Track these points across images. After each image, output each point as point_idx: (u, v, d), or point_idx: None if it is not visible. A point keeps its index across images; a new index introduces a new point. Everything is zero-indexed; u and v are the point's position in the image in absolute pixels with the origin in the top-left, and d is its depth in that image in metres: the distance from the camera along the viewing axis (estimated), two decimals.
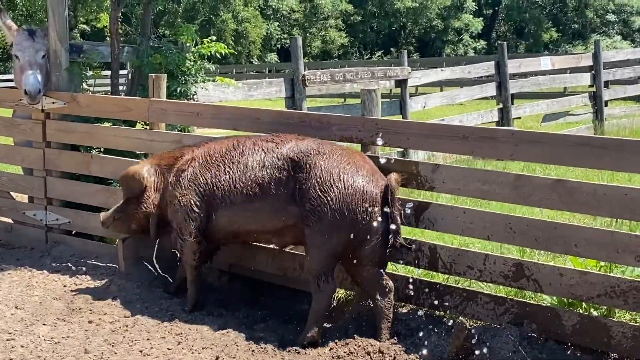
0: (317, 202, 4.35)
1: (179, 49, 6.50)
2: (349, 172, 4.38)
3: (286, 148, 4.56)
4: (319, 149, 4.51)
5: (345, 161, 4.43)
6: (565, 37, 50.59)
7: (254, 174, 4.57)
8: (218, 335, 4.48)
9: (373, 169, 4.50)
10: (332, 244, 4.35)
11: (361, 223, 4.33)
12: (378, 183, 4.40)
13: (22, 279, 5.48)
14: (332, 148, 4.53)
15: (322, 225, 4.34)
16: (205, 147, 4.88)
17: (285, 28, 48.83)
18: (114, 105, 5.90)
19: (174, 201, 4.82)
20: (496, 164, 8.32)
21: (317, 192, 4.37)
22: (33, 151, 6.27)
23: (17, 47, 6.14)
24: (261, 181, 4.54)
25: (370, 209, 4.33)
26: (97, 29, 39.89)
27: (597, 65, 13.73)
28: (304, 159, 4.48)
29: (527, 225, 4.19)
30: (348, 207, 4.32)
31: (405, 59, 11.43)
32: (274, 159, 4.56)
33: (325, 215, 4.32)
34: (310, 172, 4.43)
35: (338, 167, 4.40)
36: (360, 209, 4.32)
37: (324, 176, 4.38)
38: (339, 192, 4.34)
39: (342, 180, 4.35)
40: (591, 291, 4.03)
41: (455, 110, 16.86)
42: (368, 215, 4.33)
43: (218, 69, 9.46)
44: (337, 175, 4.37)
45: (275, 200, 4.51)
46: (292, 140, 4.62)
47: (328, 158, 4.44)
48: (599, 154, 3.93)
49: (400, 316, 4.61)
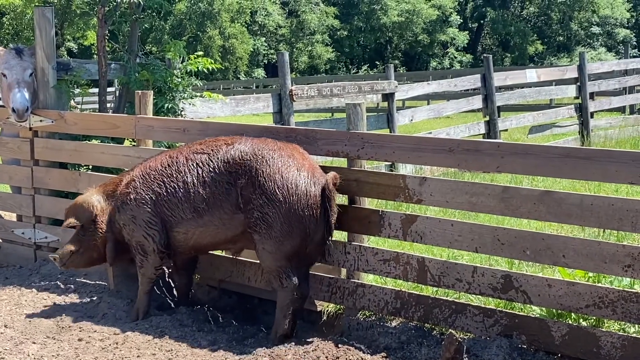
0: (263, 211, 4.45)
1: (166, 65, 6.52)
2: (290, 176, 4.46)
3: (220, 158, 4.61)
4: (255, 152, 4.56)
5: (285, 163, 4.49)
6: (550, 50, 50.90)
7: (195, 190, 4.64)
8: (208, 351, 4.47)
9: (312, 166, 4.59)
10: (285, 248, 4.49)
11: (309, 224, 4.46)
12: (319, 181, 4.50)
13: (11, 298, 5.45)
14: (268, 148, 4.57)
15: (272, 232, 4.46)
16: (139, 167, 4.94)
17: (272, 43, 48.91)
18: (101, 122, 5.91)
19: (128, 222, 4.87)
20: (483, 176, 8.35)
21: (262, 199, 4.46)
22: (21, 169, 6.26)
23: (4, 65, 6.14)
24: (205, 196, 4.62)
25: (315, 209, 4.45)
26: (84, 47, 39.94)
27: (582, 77, 13.81)
28: (241, 166, 4.55)
29: (515, 237, 4.22)
30: (295, 211, 4.42)
31: (392, 72, 11.48)
32: (211, 172, 4.61)
33: (275, 222, 4.44)
34: (251, 179, 4.51)
35: (279, 171, 4.47)
36: (306, 211, 4.43)
37: (266, 183, 4.46)
38: (283, 198, 4.43)
39: (285, 185, 4.44)
40: (580, 302, 4.06)
41: (443, 123, 16.92)
42: (314, 215, 4.46)
43: (205, 85, 9.48)
44: (280, 180, 4.45)
45: (223, 213, 4.60)
46: (222, 147, 4.67)
47: (267, 162, 4.50)
48: (584, 165, 3.97)
49: (390, 329, 4.61)
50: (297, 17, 49.59)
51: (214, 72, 6.87)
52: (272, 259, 4.52)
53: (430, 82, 13.00)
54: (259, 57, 48.00)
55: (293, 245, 4.49)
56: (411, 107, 13.60)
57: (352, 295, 4.80)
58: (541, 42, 50.44)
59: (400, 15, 48.91)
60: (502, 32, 51.13)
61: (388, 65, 11.94)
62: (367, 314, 4.82)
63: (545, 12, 52.08)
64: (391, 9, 49.12)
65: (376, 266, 4.68)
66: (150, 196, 4.78)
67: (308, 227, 4.47)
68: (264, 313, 5.20)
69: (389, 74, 11.45)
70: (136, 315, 5.00)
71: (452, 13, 50.64)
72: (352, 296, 4.80)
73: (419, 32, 49.19)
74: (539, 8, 52.56)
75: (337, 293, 4.85)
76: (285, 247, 4.48)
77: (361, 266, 4.75)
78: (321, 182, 4.48)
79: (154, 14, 7.14)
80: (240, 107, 8.69)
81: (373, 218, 4.68)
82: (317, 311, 5.11)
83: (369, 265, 4.71)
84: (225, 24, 44.03)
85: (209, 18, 43.36)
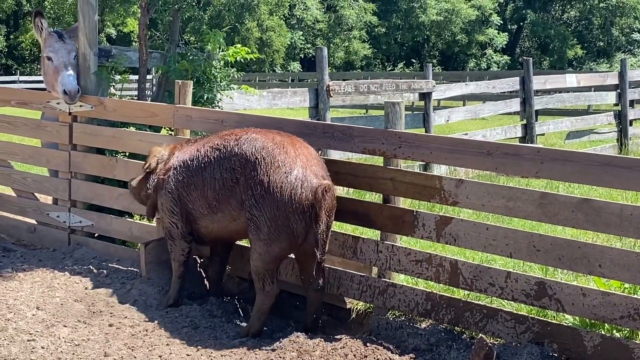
0: (252, 212, 4.45)
1: (205, 55, 6.54)
2: (278, 179, 4.40)
3: (227, 154, 4.63)
4: (252, 151, 4.53)
5: (276, 164, 4.43)
6: (590, 55, 50.34)
7: (210, 187, 4.68)
8: (237, 342, 4.48)
9: (306, 165, 4.47)
10: (273, 251, 4.48)
11: (296, 229, 4.42)
12: (310, 185, 4.40)
13: (44, 280, 5.51)
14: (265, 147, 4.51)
15: (261, 234, 4.46)
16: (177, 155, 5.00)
17: (309, 38, 48.98)
18: (140, 110, 5.94)
19: (160, 205, 5.02)
20: (518, 180, 8.28)
21: (252, 200, 4.46)
22: (59, 153, 6.32)
23: (48, 49, 6.20)
24: (218, 194, 4.65)
25: (302, 213, 4.39)
26: (124, 33, 40.32)
27: (622, 84, 13.64)
28: (241, 165, 4.56)
29: (551, 243, 4.16)
30: (280, 215, 4.39)
31: (430, 72, 11.41)
32: (222, 170, 4.63)
33: (262, 225, 4.43)
34: (246, 178, 4.51)
35: (268, 173, 4.43)
36: (292, 216, 4.39)
37: (256, 185, 4.45)
38: (270, 202, 4.39)
39: (271, 189, 4.39)
40: (614, 312, 4.00)
41: (478, 125, 16.82)
42: (301, 219, 4.40)
43: (242, 77, 9.50)
44: (267, 182, 4.41)
45: (231, 209, 4.63)
46: (231, 142, 4.67)
47: (259, 163, 4.47)
48: (626, 174, 3.91)
49: (420, 331, 4.59)
50: (336, 12, 49.59)
51: (250, 64, 6.87)
52: (260, 260, 4.51)
53: (468, 83, 12.91)
54: (295, 51, 48.10)
55: (281, 249, 4.49)
56: (447, 107, 13.53)
57: (383, 295, 4.78)
58: (581, 47, 49.91)
59: (439, 14, 48.70)
60: (541, 35, 50.66)
61: (426, 65, 11.87)
62: (396, 314, 4.80)
63: (586, 17, 51.51)
64: (430, 7, 48.93)
65: (408, 266, 4.65)
66: (177, 189, 4.86)
67: (295, 231, 4.42)
68: (293, 307, 5.20)
69: (427, 73, 11.39)
70: (167, 300, 5.05)
71: (491, 14, 50.26)
72: (382, 295, 4.78)
73: (457, 31, 48.93)
74: (580, 12, 52.00)
75: (367, 291, 4.84)
76: (272, 250, 4.48)
77: (393, 266, 4.72)
78: (312, 187, 4.38)
79: (194, 3, 7.16)
80: (277, 100, 8.71)
81: (407, 218, 4.65)
82: (346, 308, 5.10)
83: (400, 265, 4.69)
84: (263, 17, 44.19)
85: (248, 10, 43.53)
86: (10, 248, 6.51)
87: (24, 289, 5.27)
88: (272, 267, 4.54)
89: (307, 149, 4.64)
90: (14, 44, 41.32)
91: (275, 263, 4.56)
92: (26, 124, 6.58)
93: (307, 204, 4.37)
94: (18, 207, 6.74)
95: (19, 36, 39.73)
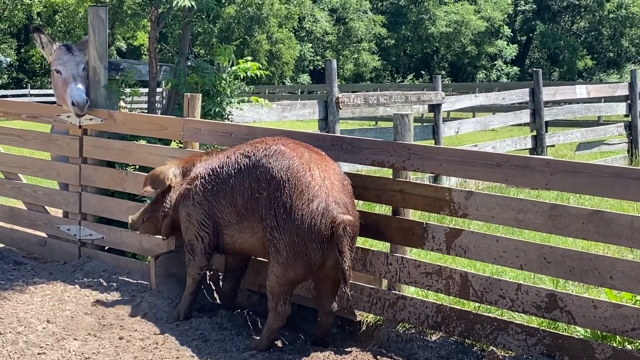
0: (274, 235, 4.41)
1: (215, 69, 6.56)
2: (300, 205, 4.33)
3: (256, 164, 4.58)
4: (280, 167, 4.46)
5: (300, 187, 4.36)
6: (599, 66, 50.25)
7: (240, 194, 4.63)
8: (247, 355, 4.47)
9: (329, 192, 4.38)
10: (290, 275, 4.44)
11: (313, 256, 4.36)
12: (331, 215, 4.31)
13: (54, 293, 5.52)
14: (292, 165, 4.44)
15: (280, 258, 4.42)
16: (203, 163, 4.96)
17: (319, 50, 49.10)
18: (150, 123, 5.96)
19: (184, 219, 4.95)
20: (528, 192, 8.26)
21: (273, 222, 4.41)
22: (69, 166, 6.35)
23: (57, 62, 6.24)
24: (246, 202, 4.60)
25: (321, 244, 4.33)
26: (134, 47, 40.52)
27: (632, 95, 13.60)
28: (266, 179, 4.50)
29: (561, 255, 4.15)
30: (299, 242, 4.33)
31: (439, 83, 11.41)
32: (251, 179, 4.58)
33: (282, 250, 4.39)
34: (269, 195, 4.45)
35: (291, 196, 4.35)
36: (310, 244, 4.33)
37: (278, 207, 4.39)
38: (289, 227, 4.34)
39: (292, 215, 4.33)
40: (626, 324, 3.97)
41: (488, 136, 16.80)
42: (319, 248, 4.34)
43: (252, 89, 9.52)
44: (289, 207, 4.35)
45: (253, 220, 4.58)
46: (260, 151, 4.62)
47: (284, 182, 4.41)
48: (637, 185, 3.89)
49: (430, 343, 4.57)
50: (345, 25, 49.70)
51: (260, 77, 6.90)
52: (276, 281, 4.48)
53: (478, 95, 12.89)
54: (304, 63, 48.22)
55: (297, 274, 4.45)
56: (457, 119, 13.53)
57: (393, 307, 4.77)
58: (591, 58, 49.83)
59: (449, 26, 48.74)
60: (551, 46, 50.63)
61: (436, 76, 11.87)
62: (406, 326, 4.78)
63: (595, 27, 51.44)
64: (439, 19, 48.97)
65: (418, 279, 4.64)
66: (206, 198, 4.80)
67: (312, 259, 4.37)
68: (303, 320, 5.19)
69: (437, 85, 11.39)
70: (177, 315, 5.03)
71: (501, 25, 50.28)
72: (392, 308, 4.77)
73: (467, 43, 48.95)
74: (590, 23, 51.94)
75: (378, 304, 4.83)
76: (289, 275, 4.45)
77: (403, 278, 4.71)
78: (333, 218, 4.30)
79: (204, 16, 7.19)
80: (287, 112, 8.72)
81: (417, 230, 4.64)
82: (357, 321, 5.08)
83: (410, 277, 4.68)
84: (273, 29, 44.33)
85: (257, 23, 43.68)
86: (20, 261, 6.53)
87: (35, 302, 5.28)
88: (286, 289, 4.51)
89: (334, 169, 4.58)
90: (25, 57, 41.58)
91: (290, 286, 4.53)
92: (37, 137, 6.62)
93: (327, 234, 4.31)
94: (29, 220, 6.76)
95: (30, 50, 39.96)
